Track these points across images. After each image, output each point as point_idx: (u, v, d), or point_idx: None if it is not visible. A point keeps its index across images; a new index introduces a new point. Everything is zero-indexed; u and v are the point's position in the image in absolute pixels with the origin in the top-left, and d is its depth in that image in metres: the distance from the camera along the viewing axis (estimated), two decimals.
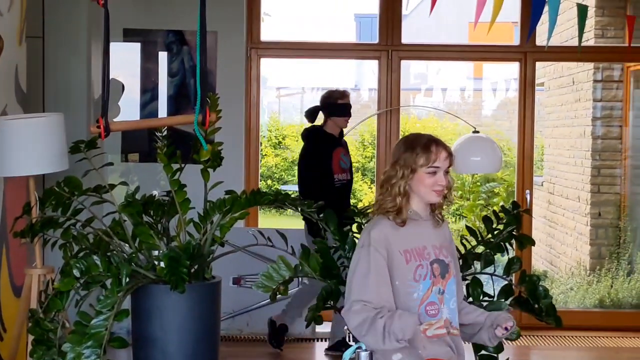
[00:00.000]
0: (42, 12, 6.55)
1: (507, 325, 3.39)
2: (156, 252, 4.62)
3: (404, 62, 7.63)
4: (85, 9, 6.60)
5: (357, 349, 2.73)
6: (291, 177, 15.08)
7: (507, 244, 4.77)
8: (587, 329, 7.46)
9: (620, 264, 8.73)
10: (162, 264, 4.39)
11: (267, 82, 16.45)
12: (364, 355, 2.71)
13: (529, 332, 7.18)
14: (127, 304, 4.29)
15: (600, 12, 9.03)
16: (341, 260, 4.75)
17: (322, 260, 4.66)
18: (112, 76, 7.19)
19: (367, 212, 4.95)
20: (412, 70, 14.95)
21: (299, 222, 6.48)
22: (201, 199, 4.91)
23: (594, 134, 9.24)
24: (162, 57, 7.32)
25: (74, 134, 5.47)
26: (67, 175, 4.75)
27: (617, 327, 7.52)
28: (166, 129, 6.71)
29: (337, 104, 6.55)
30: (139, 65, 7.37)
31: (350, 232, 4.75)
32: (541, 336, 7.23)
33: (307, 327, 4.54)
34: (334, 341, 6.54)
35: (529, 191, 7.50)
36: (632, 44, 7.65)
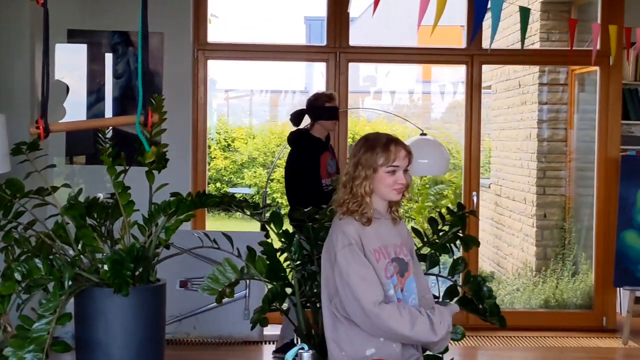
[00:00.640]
0: None
1: None
2: (100, 255, 4.58)
3: (352, 65, 7.64)
4: (28, 10, 6.52)
5: (300, 349, 2.72)
6: (240, 180, 15.04)
7: (452, 245, 4.79)
8: (532, 329, 7.54)
9: (565, 264, 8.83)
10: (106, 267, 4.34)
11: (217, 85, 16.40)
12: (307, 355, 2.70)
13: (475, 333, 7.23)
14: (70, 307, 4.25)
15: (545, 16, 9.13)
16: (287, 262, 4.74)
17: (268, 262, 4.65)
18: (58, 77, 7.14)
19: (316, 216, 4.94)
20: (361, 72, 15.00)
21: (248, 226, 6.46)
22: (147, 201, 4.88)
23: (540, 137, 9.34)
24: (108, 59, 7.26)
25: (16, 136, 5.41)
26: (9, 177, 4.70)
27: (562, 327, 7.61)
28: (111, 130, 6.65)
29: (324, 107, 6.49)
30: (85, 66, 7.30)
31: (296, 234, 4.75)
32: (487, 336, 7.28)
33: (252, 329, 4.51)
34: (282, 343, 6.52)
35: (475, 193, 7.55)
36: (577, 48, 7.79)
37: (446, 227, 4.76)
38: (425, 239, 4.73)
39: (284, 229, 4.72)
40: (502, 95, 10.85)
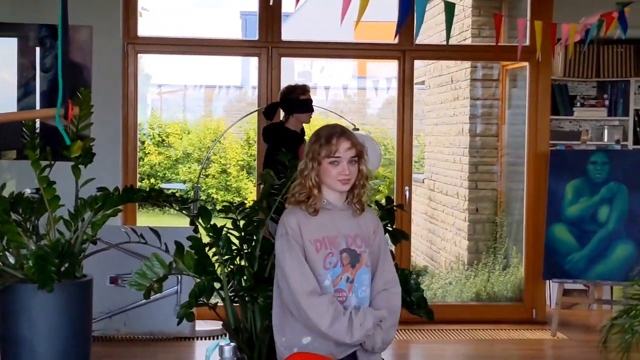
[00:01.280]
0: None
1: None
2: (25, 251, 4.53)
3: (287, 60, 7.62)
4: None
5: (221, 342, 2.70)
6: (175, 176, 14.96)
7: None
8: (464, 322, 7.59)
9: (496, 258, 8.92)
10: (31, 263, 4.29)
11: (151, 79, 16.28)
12: (228, 349, 2.68)
13: (408, 327, 7.26)
14: None
15: (476, 12, 9.21)
16: (216, 257, 4.73)
17: (196, 257, 4.63)
18: None
19: (244, 209, 4.93)
20: (296, 68, 15.01)
21: (183, 222, 6.37)
22: (74, 196, 4.84)
23: (472, 132, 9.42)
24: (38, 52, 7.16)
25: None
26: None
27: (493, 320, 7.67)
28: (39, 124, 6.54)
29: (299, 100, 6.40)
30: (16, 60, 7.19)
31: (224, 228, 4.73)
32: (420, 330, 7.33)
33: (179, 324, 4.48)
34: None
35: (407, 188, 7.58)
36: (508, 44, 7.87)
37: None
38: None
39: (212, 223, 4.70)
40: (435, 90, 10.93)
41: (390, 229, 4.90)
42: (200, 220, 4.71)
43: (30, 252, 4.35)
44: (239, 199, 14.15)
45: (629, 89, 8.16)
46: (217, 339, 6.43)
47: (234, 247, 4.81)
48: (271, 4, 6.37)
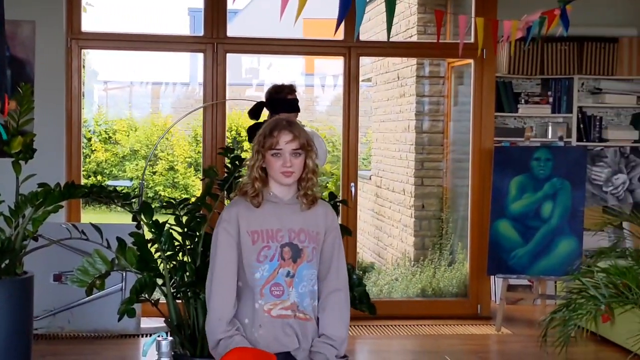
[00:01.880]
0: None
1: None
2: None
3: (234, 57, 7.60)
4: None
5: (158, 337, 2.68)
6: (122, 173, 14.84)
7: None
8: (410, 318, 7.64)
9: (442, 254, 8.97)
10: None
11: (98, 76, 16.14)
12: (165, 344, 2.66)
13: (354, 323, 7.23)
14: None
15: (422, 10, 9.25)
16: (158, 253, 4.71)
17: (139, 253, 4.60)
18: None
19: (186, 204, 4.91)
20: (243, 65, 14.97)
21: (128, 219, 6.31)
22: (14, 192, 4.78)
23: (418, 128, 9.47)
24: None
25: None
26: None
27: (439, 315, 7.73)
28: None
29: (287, 100, 6.27)
30: None
31: (166, 224, 4.71)
32: (366, 326, 7.35)
33: (119, 320, 4.44)
34: None
35: (353, 184, 7.60)
36: (456, 41, 7.91)
37: None
38: None
39: (154, 219, 4.68)
40: (382, 87, 10.96)
41: None
42: (142, 216, 4.69)
43: None
44: (186, 196, 14.08)
45: (573, 86, 8.25)
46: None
47: (177, 243, 4.79)
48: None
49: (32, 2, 6.94)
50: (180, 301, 4.79)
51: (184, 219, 4.82)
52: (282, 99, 6.29)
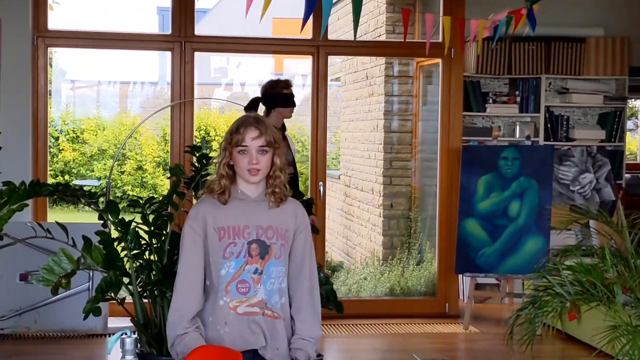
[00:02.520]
0: None
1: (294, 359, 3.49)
2: None
3: (203, 57, 7.58)
4: None
5: (123, 335, 2.67)
6: (90, 173, 14.75)
7: None
8: (378, 317, 7.65)
9: (410, 253, 8.99)
10: None
11: (66, 75, 16.05)
12: (129, 341, 2.65)
13: (323, 322, 7.14)
14: None
15: (390, 9, 9.27)
16: (125, 251, 4.69)
17: (105, 251, 4.58)
18: None
19: (153, 203, 4.89)
20: (212, 64, 14.94)
21: (96, 218, 6.27)
22: None
23: (386, 128, 9.48)
24: None
25: None
26: None
27: (407, 314, 7.75)
28: None
29: (282, 94, 6.26)
30: None
31: (133, 223, 4.69)
32: (335, 325, 7.36)
33: (85, 319, 4.42)
34: None
35: (322, 183, 7.60)
36: (424, 41, 7.92)
37: None
38: None
39: (120, 217, 4.65)
40: (350, 87, 10.97)
41: None
42: (108, 214, 4.66)
43: None
44: (153, 195, 14.02)
45: (540, 86, 8.31)
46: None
47: (143, 242, 4.77)
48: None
49: None
50: (147, 300, 4.76)
51: (151, 217, 4.79)
52: (278, 93, 6.28)
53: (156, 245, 4.75)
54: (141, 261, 4.66)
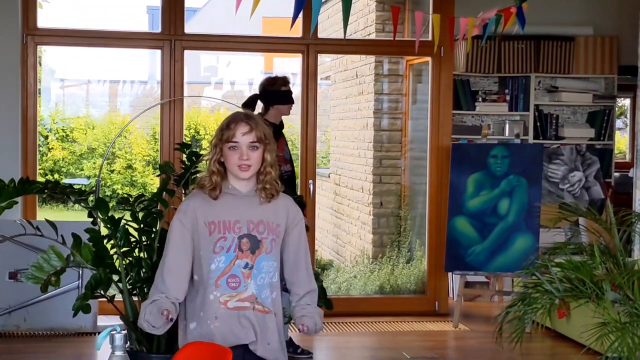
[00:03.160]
0: None
1: (302, 326, 3.48)
2: None
3: (193, 55, 7.57)
4: None
5: (112, 330, 2.67)
6: (79, 171, 14.73)
7: None
8: (368, 315, 7.66)
9: (400, 251, 9.00)
10: None
11: (55, 74, 16.02)
12: (119, 337, 2.65)
13: None
14: None
15: (380, 7, 9.27)
16: (114, 249, 4.68)
17: (94, 249, 4.57)
18: None
19: (142, 200, 4.89)
20: (202, 63, 14.94)
21: (85, 217, 6.25)
22: None
23: (376, 126, 9.49)
24: None
25: None
26: None
27: (397, 312, 7.76)
28: None
29: (281, 92, 6.23)
30: None
31: (122, 220, 4.68)
32: (324, 323, 7.28)
33: (74, 316, 4.41)
34: None
35: (312, 181, 7.60)
36: (413, 39, 7.93)
37: None
38: None
39: (110, 215, 4.65)
40: (340, 85, 10.98)
41: None
42: (97, 212, 4.65)
43: None
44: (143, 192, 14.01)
45: (530, 85, 8.33)
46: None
47: (133, 239, 4.76)
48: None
49: None
50: (136, 298, 4.76)
51: (140, 214, 4.79)
52: (276, 90, 6.25)
53: (146, 242, 4.75)
54: (131, 259, 4.66)
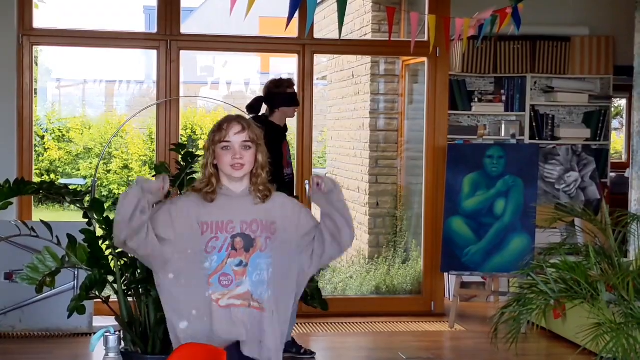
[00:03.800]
0: None
1: (315, 180, 3.53)
2: None
3: (189, 55, 7.58)
4: None
5: (106, 332, 2.67)
6: (75, 171, 14.73)
7: None
8: (364, 315, 7.66)
9: (396, 251, 9.00)
10: None
11: (52, 74, 16.02)
12: (113, 339, 2.65)
13: (309, 320, 7.29)
14: None
15: (376, 8, 9.27)
16: (110, 249, 4.68)
17: (89, 250, 4.57)
18: None
19: None
20: (199, 63, 14.93)
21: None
22: None
23: (372, 126, 9.49)
24: None
25: None
26: None
27: (393, 313, 7.76)
28: None
29: (286, 94, 6.18)
30: None
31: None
32: (320, 323, 7.36)
33: (69, 317, 4.41)
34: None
35: (308, 182, 7.58)
36: (409, 40, 7.94)
37: None
38: None
39: (105, 215, 4.65)
40: (337, 85, 10.98)
41: None
42: (93, 212, 4.65)
43: None
44: None
45: (526, 85, 8.33)
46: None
47: None
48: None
49: None
50: (131, 299, 4.76)
51: None
52: (282, 93, 6.20)
53: None
54: (126, 259, 4.65)
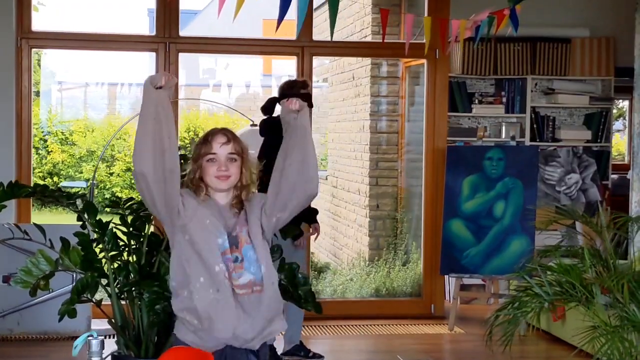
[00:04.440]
0: None
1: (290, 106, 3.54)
2: None
3: (192, 58, 7.57)
4: None
5: (89, 336, 2.66)
6: (78, 174, 14.74)
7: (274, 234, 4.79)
8: (364, 318, 7.64)
9: (396, 254, 8.99)
10: None
11: (55, 77, 16.03)
12: (95, 343, 2.64)
13: (308, 323, 7.25)
14: None
15: (376, 10, 9.25)
16: (103, 252, 4.67)
17: (83, 253, 4.57)
18: None
19: (132, 204, 4.87)
20: (201, 66, 14.93)
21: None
22: None
23: (372, 128, 9.48)
24: None
25: None
26: None
27: (392, 315, 7.74)
28: None
29: (300, 95, 6.07)
30: None
31: (111, 224, 4.68)
32: (320, 326, 7.35)
33: (60, 320, 4.41)
34: (290, 345, 6.29)
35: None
36: (408, 41, 7.93)
37: None
38: None
39: (98, 218, 4.64)
40: (337, 87, 10.97)
41: None
42: (85, 215, 4.65)
43: None
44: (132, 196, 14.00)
45: (526, 87, 8.31)
46: (112, 337, 6.33)
47: (122, 243, 4.75)
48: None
49: None
50: (124, 302, 4.75)
51: (129, 218, 4.78)
52: (296, 94, 6.17)
53: (134, 246, 4.73)
54: (119, 262, 4.65)
